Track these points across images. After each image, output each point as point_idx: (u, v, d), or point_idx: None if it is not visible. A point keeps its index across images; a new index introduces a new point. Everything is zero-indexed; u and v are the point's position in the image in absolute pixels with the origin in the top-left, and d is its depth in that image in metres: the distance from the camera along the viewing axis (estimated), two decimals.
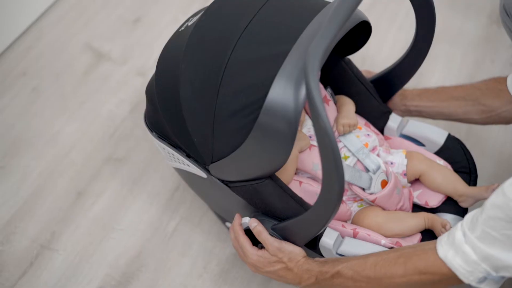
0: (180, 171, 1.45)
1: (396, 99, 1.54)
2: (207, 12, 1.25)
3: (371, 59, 2.01)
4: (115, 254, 1.59)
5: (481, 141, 1.81)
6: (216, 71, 1.17)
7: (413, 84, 1.92)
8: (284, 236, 1.28)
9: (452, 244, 1.03)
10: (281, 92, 1.10)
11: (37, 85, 1.94)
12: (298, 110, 1.10)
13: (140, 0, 2.18)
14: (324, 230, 1.29)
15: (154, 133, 1.38)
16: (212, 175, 1.31)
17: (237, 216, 1.34)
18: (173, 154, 1.37)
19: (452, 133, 1.51)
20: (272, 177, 1.26)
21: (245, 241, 1.31)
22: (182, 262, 1.58)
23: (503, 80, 1.42)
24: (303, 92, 1.10)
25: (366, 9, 2.14)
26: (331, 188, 1.04)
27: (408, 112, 1.55)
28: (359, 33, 1.36)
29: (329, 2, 1.24)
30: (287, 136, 1.12)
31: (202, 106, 1.20)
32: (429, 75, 1.97)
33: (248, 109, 1.14)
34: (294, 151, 1.33)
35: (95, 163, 1.76)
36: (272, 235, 1.27)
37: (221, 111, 1.17)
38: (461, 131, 1.83)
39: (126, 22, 2.11)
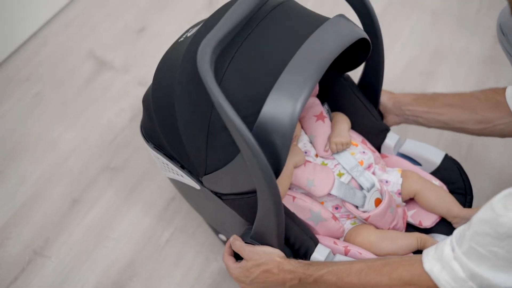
0: (174, 182, 1.45)
1: (389, 104, 1.52)
2: (206, 24, 1.26)
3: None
4: (107, 262, 1.59)
5: (481, 162, 1.80)
6: None
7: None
8: (260, 241, 1.27)
9: (439, 259, 1.01)
10: (276, 106, 1.10)
11: (39, 91, 1.95)
12: (293, 124, 1.10)
13: (146, 9, 2.19)
14: (315, 245, 1.28)
15: (149, 143, 1.38)
16: (205, 187, 1.31)
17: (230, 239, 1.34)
18: (167, 165, 1.37)
19: (452, 153, 1.51)
20: None
21: (228, 259, 1.30)
22: (174, 273, 1.58)
23: (502, 91, 1.40)
24: (298, 107, 1.10)
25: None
26: (258, 177, 1.08)
27: (404, 118, 1.53)
28: (358, 50, 1.36)
29: (328, 18, 1.24)
30: (280, 150, 1.12)
31: (196, 118, 1.20)
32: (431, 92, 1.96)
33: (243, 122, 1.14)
34: (289, 166, 1.32)
35: (92, 171, 1.76)
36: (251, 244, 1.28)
37: (216, 124, 1.17)
38: (462, 151, 1.82)
39: (131, 31, 2.12)
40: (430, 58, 2.07)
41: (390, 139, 1.50)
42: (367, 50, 1.35)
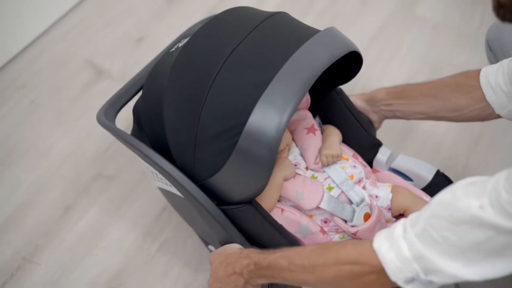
0: (164, 191, 1.45)
1: (363, 104, 1.53)
2: (196, 35, 1.26)
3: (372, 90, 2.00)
4: (96, 271, 1.59)
5: None
6: (200, 94, 1.17)
7: (408, 123, 1.91)
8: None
9: (390, 238, 0.97)
10: (262, 118, 1.10)
11: (36, 98, 1.96)
12: (278, 136, 1.10)
13: (146, 19, 2.20)
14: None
15: None
16: None
17: None
18: (156, 174, 1.37)
19: (448, 169, 1.50)
20: (252, 202, 1.25)
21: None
22: (163, 283, 1.57)
23: (475, 75, 1.36)
24: (284, 119, 1.10)
25: (370, 40, 2.15)
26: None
27: (382, 114, 1.54)
28: (351, 63, 1.35)
29: (318, 31, 1.24)
30: (266, 162, 1.12)
31: (184, 127, 1.19)
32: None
33: (229, 133, 1.14)
34: (279, 178, 1.32)
35: (85, 179, 1.76)
36: None
37: (203, 134, 1.17)
38: (458, 168, 1.82)
39: (130, 40, 2.13)
40: (429, 73, 2.06)
41: (382, 154, 1.50)
42: (359, 63, 1.35)
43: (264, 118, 1.10)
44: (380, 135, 1.82)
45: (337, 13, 2.24)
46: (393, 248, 0.95)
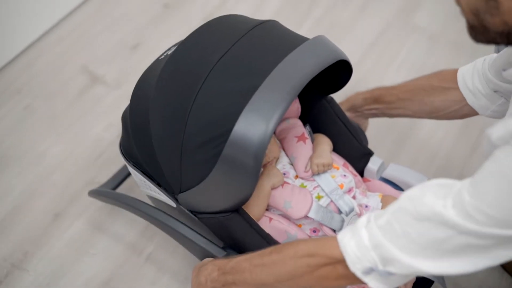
0: (153, 199, 1.44)
1: (346, 112, 1.54)
2: (184, 43, 1.25)
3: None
4: (85, 278, 1.57)
5: None
6: (186, 102, 1.16)
7: (404, 132, 1.91)
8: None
9: (353, 228, 0.97)
10: (247, 126, 1.10)
11: (30, 103, 1.95)
12: (263, 145, 1.09)
13: (142, 26, 2.19)
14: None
15: (127, 160, 1.37)
16: (181, 204, 1.29)
17: None
18: (145, 182, 1.36)
19: (445, 177, 1.47)
20: (239, 211, 1.25)
21: None
22: None
23: (450, 77, 1.38)
24: (270, 127, 1.09)
25: (367, 48, 2.14)
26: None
27: (365, 115, 1.58)
28: (341, 72, 1.34)
29: (307, 39, 1.23)
30: (251, 170, 1.11)
31: (170, 136, 1.19)
32: (421, 124, 1.94)
33: (215, 142, 1.13)
34: (266, 187, 1.31)
35: (76, 186, 1.75)
36: None
37: (189, 142, 1.17)
38: (452, 177, 1.79)
39: (125, 47, 2.12)
40: None
41: (373, 163, 1.49)
42: (349, 72, 1.34)
43: (249, 126, 1.09)
44: (374, 144, 1.81)
45: (335, 21, 2.23)
46: (354, 237, 0.95)
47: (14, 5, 2.01)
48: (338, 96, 1.50)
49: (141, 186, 1.42)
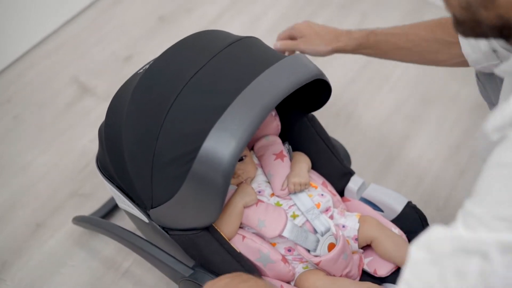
0: (127, 213, 1.44)
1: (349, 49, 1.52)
2: (160, 58, 1.26)
3: (358, 117, 1.98)
4: None
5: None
6: (158, 117, 1.16)
7: (392, 152, 1.89)
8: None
9: None
10: (216, 144, 1.09)
11: (19, 113, 1.95)
12: (232, 162, 1.09)
13: (136, 38, 2.20)
14: None
15: (102, 173, 1.37)
16: (152, 220, 1.29)
17: None
18: (119, 196, 1.36)
19: (430, 202, 1.45)
20: (209, 228, 1.23)
21: None
22: None
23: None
24: (240, 144, 1.08)
25: (361, 67, 2.13)
26: None
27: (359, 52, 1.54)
28: (321, 91, 1.33)
29: (284, 57, 1.22)
30: (219, 187, 1.10)
31: (142, 150, 1.19)
32: (415, 138, 1.93)
33: (185, 158, 1.13)
34: (239, 205, 1.30)
35: (60, 197, 1.75)
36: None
37: (160, 157, 1.16)
38: (440, 201, 1.78)
39: (118, 59, 2.13)
40: (419, 101, 2.03)
41: (354, 183, 1.47)
42: (329, 91, 1.33)
43: (219, 143, 1.09)
44: (361, 164, 1.80)
45: None
46: None
47: (8, 16, 2.02)
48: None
49: (117, 200, 1.41)
